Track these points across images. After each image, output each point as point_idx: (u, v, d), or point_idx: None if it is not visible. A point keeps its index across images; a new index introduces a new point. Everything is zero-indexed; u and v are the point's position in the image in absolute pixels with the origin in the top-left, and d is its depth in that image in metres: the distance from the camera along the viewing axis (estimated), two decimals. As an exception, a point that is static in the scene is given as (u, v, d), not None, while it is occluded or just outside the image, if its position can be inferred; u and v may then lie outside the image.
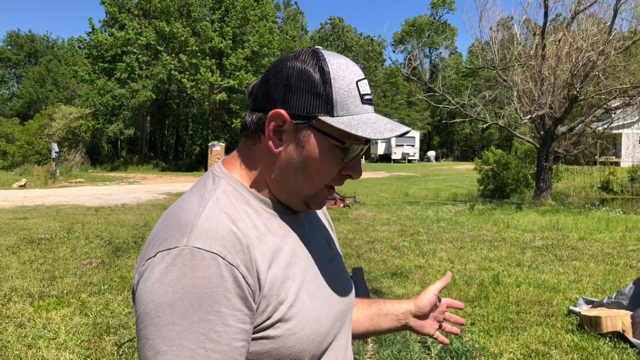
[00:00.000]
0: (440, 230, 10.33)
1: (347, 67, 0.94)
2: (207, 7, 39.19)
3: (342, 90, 0.91)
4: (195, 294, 0.81)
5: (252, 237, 0.90)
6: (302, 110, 0.92)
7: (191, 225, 0.86)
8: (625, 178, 23.91)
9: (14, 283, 5.95)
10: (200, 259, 0.82)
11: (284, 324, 0.89)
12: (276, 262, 0.91)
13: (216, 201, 0.93)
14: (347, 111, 0.92)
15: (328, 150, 0.93)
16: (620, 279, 6.41)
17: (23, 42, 73.79)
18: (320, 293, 0.98)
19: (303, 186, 0.96)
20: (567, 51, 15.37)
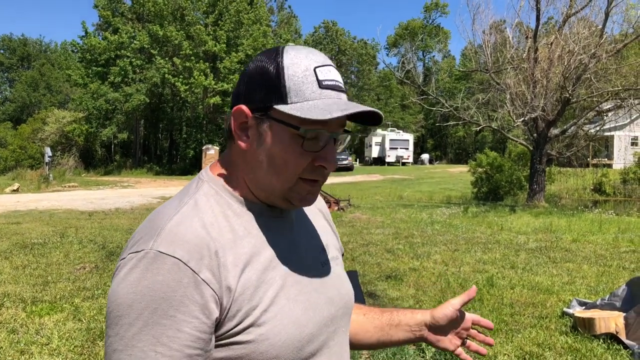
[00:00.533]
0: (435, 233, 10.34)
1: (307, 55, 0.94)
2: (200, 10, 39.19)
3: (297, 77, 0.91)
4: (153, 297, 0.81)
5: (225, 242, 0.90)
6: (260, 103, 0.93)
7: (160, 229, 0.87)
8: (618, 180, 24.02)
9: (6, 288, 5.91)
10: (161, 263, 0.83)
11: (256, 329, 0.88)
12: (251, 266, 0.91)
13: (193, 205, 0.93)
14: (302, 97, 0.91)
15: (289, 139, 0.92)
16: (613, 281, 6.44)
17: (16, 46, 73.55)
18: (304, 297, 0.96)
19: (274, 181, 0.95)
20: (559, 54, 15.45)
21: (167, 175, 37.32)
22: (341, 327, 1.05)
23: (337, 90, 0.94)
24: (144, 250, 0.85)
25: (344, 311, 1.07)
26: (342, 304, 1.06)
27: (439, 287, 6.15)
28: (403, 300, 5.57)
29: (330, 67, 0.95)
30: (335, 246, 1.16)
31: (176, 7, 37.67)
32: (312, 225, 1.12)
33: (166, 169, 41.14)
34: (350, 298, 1.11)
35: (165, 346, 0.81)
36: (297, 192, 0.96)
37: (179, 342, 0.82)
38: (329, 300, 1.02)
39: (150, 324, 0.81)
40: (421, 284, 6.28)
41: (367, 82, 67.76)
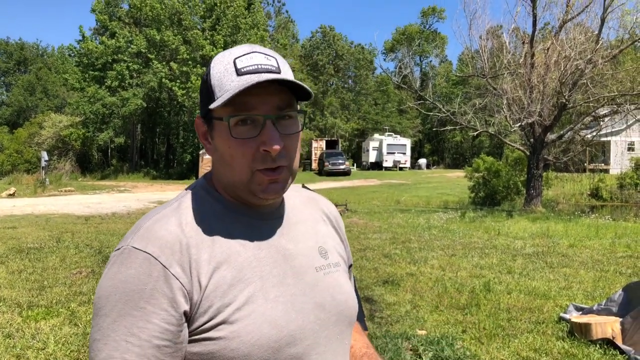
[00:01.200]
0: (432, 238, 10.34)
1: (230, 52, 0.98)
2: (198, 15, 39.24)
3: (219, 74, 0.95)
4: (125, 289, 0.87)
5: (201, 240, 0.94)
6: (203, 109, 1.00)
7: (139, 227, 0.94)
8: (614, 185, 24.10)
9: (2, 293, 5.89)
10: (134, 258, 0.89)
11: (228, 326, 0.90)
12: (228, 265, 0.93)
13: (176, 206, 0.99)
14: (223, 90, 0.94)
15: (225, 133, 0.95)
16: (610, 286, 6.44)
17: (12, 50, 73.43)
18: (287, 299, 0.96)
19: (232, 177, 0.98)
20: (555, 59, 15.51)
21: (164, 180, 37.27)
22: (335, 334, 1.04)
23: (259, 73, 0.93)
24: (122, 247, 0.92)
25: (339, 319, 1.05)
26: (337, 311, 1.04)
27: (436, 292, 6.15)
28: (400, 305, 5.57)
29: (253, 54, 0.96)
30: (339, 253, 1.15)
31: (173, 11, 37.71)
32: (310, 229, 1.11)
33: (163, 173, 41.10)
34: (349, 307, 1.09)
35: (135, 336, 0.86)
36: (257, 184, 0.97)
37: (148, 333, 0.86)
38: (318, 305, 1.01)
39: (123, 314, 0.87)
40: (418, 289, 6.27)
41: (364, 87, 67.83)
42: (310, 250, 1.07)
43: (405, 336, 4.52)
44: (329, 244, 1.13)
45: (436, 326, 4.88)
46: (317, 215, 1.17)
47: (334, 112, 63.13)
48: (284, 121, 0.96)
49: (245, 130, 0.94)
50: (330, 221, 1.19)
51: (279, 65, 0.97)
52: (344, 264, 1.16)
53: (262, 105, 0.94)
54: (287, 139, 0.96)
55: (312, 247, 1.08)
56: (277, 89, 0.95)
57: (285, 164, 0.97)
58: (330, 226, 1.18)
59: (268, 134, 0.93)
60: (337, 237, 1.19)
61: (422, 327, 4.86)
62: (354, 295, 1.12)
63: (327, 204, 1.24)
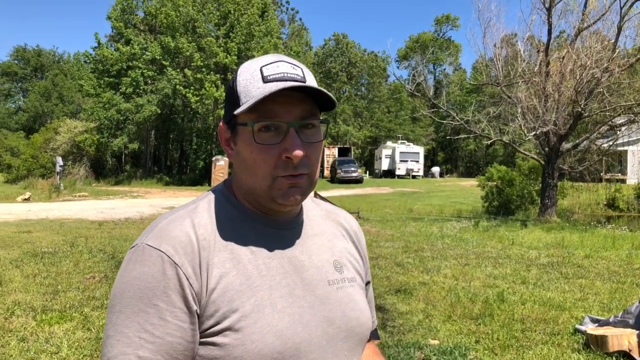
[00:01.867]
0: (445, 247, 10.28)
1: (257, 60, 0.99)
2: (212, 22, 39.49)
3: (245, 81, 0.96)
4: (139, 286, 0.89)
5: (213, 243, 0.95)
6: (228, 115, 1.00)
7: (155, 226, 0.96)
8: (631, 195, 23.78)
9: (17, 297, 5.93)
10: (148, 255, 0.91)
11: (233, 333, 0.90)
12: (237, 271, 0.94)
13: (193, 208, 1.00)
14: (249, 96, 0.95)
15: (249, 138, 0.95)
16: (626, 298, 6.35)
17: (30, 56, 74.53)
18: (294, 311, 0.96)
19: (253, 183, 0.98)
20: (571, 68, 15.39)
21: (177, 186, 37.45)
22: (343, 350, 1.02)
23: (285, 81, 0.95)
24: (137, 244, 0.94)
25: (348, 335, 1.03)
26: (347, 327, 1.03)
27: (449, 301, 6.09)
28: (412, 314, 5.53)
29: (279, 63, 0.97)
30: (356, 269, 1.14)
31: (188, 19, 38.00)
32: (326, 243, 1.10)
33: (176, 179, 41.29)
34: (361, 324, 1.07)
35: (148, 333, 0.87)
36: (277, 189, 0.97)
37: (162, 330, 0.88)
38: (327, 319, 1.00)
39: (137, 311, 0.88)
40: (431, 299, 6.22)
41: (377, 95, 67.82)
42: (324, 263, 1.06)
43: (418, 346, 4.48)
44: (345, 259, 1.12)
45: (449, 336, 4.83)
46: (336, 230, 1.16)
47: (347, 120, 63.16)
48: (307, 130, 0.97)
49: (269, 137, 0.95)
50: (350, 237, 1.18)
51: (304, 74, 0.98)
52: (361, 280, 1.14)
53: (286, 113, 0.95)
54: (309, 147, 0.97)
55: (327, 261, 1.07)
56: (301, 98, 0.96)
57: (306, 171, 0.98)
58: (349, 241, 1.17)
59: (291, 141, 0.94)
60: (356, 253, 1.17)
61: (434, 337, 4.81)
62: (367, 312, 1.10)
63: (348, 219, 1.23)
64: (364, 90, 70.39)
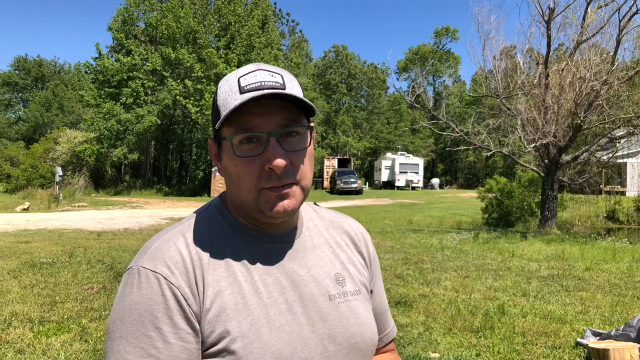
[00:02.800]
0: (445, 259, 10.24)
1: (236, 72, 0.97)
2: (213, 34, 39.69)
3: (225, 93, 0.95)
4: (139, 310, 0.87)
5: (208, 262, 0.92)
6: (214, 130, 0.99)
7: (148, 247, 0.94)
8: (631, 208, 23.77)
9: (14, 308, 5.89)
10: (145, 278, 0.88)
11: (230, 355, 0.88)
12: (232, 290, 0.91)
13: (187, 226, 0.98)
14: (227, 109, 0.93)
15: (231, 152, 0.94)
16: (628, 311, 6.31)
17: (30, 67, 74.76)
18: (293, 329, 0.93)
19: (241, 196, 0.96)
20: (570, 80, 15.43)
21: (176, 196, 37.42)
22: None
23: (261, 90, 0.91)
24: (132, 267, 0.92)
25: (350, 351, 1.00)
26: (349, 344, 1.00)
27: (449, 314, 6.06)
28: (412, 327, 5.49)
29: (257, 72, 0.95)
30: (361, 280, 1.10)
31: (189, 30, 38.18)
32: (328, 255, 1.07)
33: (175, 190, 41.26)
34: (365, 340, 1.03)
35: (153, 357, 0.85)
36: (264, 202, 0.95)
37: (167, 353, 0.85)
38: (328, 336, 0.97)
39: (139, 336, 0.85)
40: (431, 311, 6.19)
41: (377, 106, 68.00)
42: (325, 277, 1.03)
43: (418, 359, 4.45)
44: (348, 270, 1.08)
45: (449, 349, 4.79)
46: (340, 239, 1.13)
47: (347, 131, 63.27)
48: (290, 138, 0.94)
49: (250, 149, 0.93)
50: (355, 244, 1.15)
51: (284, 81, 0.94)
52: (365, 291, 1.10)
53: (265, 123, 0.92)
54: (294, 155, 0.94)
55: (327, 274, 1.04)
56: (282, 106, 0.93)
57: (293, 180, 0.94)
58: (354, 250, 1.14)
59: (271, 151, 0.92)
60: (362, 261, 1.14)
61: (435, 350, 4.77)
62: (372, 326, 1.06)
63: (354, 226, 1.20)
64: (363, 101, 70.58)
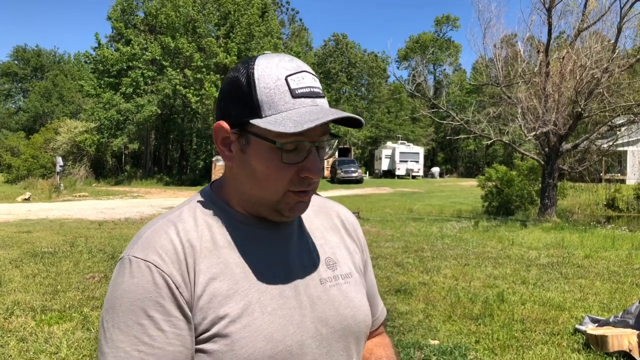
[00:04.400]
0: (445, 247, 10.27)
1: (278, 64, 0.93)
2: (212, 23, 39.52)
3: (268, 89, 0.90)
4: (130, 299, 0.87)
5: (199, 250, 0.92)
6: (236, 118, 0.93)
7: (140, 237, 0.94)
8: (631, 196, 23.79)
9: (16, 297, 5.92)
10: (136, 267, 0.88)
11: (221, 339, 0.89)
12: (224, 276, 0.92)
13: (178, 214, 0.98)
14: (275, 109, 0.90)
15: (268, 153, 0.91)
16: (626, 298, 6.35)
17: (30, 56, 74.51)
18: (285, 312, 0.94)
19: (260, 194, 0.95)
20: (571, 68, 15.40)
21: (177, 186, 37.46)
22: (338, 350, 1.00)
23: (312, 97, 0.92)
24: (123, 257, 0.92)
25: (343, 334, 1.01)
26: (341, 327, 1.01)
27: (448, 301, 6.09)
28: (412, 315, 5.52)
29: (304, 74, 0.93)
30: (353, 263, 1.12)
31: (188, 19, 38.03)
32: (318, 240, 1.08)
33: (176, 179, 41.29)
34: (357, 322, 1.05)
35: (147, 345, 0.85)
36: (285, 203, 0.96)
37: (160, 340, 0.86)
38: (320, 319, 0.98)
39: (131, 325, 0.86)
40: (431, 299, 6.22)
41: (377, 95, 67.81)
42: (316, 261, 1.04)
43: (418, 346, 4.48)
44: (339, 254, 1.10)
45: (449, 336, 4.82)
46: (328, 223, 1.14)
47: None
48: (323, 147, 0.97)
49: (292, 156, 0.92)
50: (345, 228, 1.16)
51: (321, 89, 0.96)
52: (357, 274, 1.12)
53: (312, 132, 0.92)
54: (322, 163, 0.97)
55: (318, 258, 1.05)
56: None
57: (316, 185, 0.98)
58: (344, 234, 1.15)
59: (313, 161, 0.93)
60: (352, 244, 1.15)
61: (434, 337, 4.81)
62: (365, 308, 1.08)
63: (341, 210, 1.20)
64: (364, 90, 70.37)
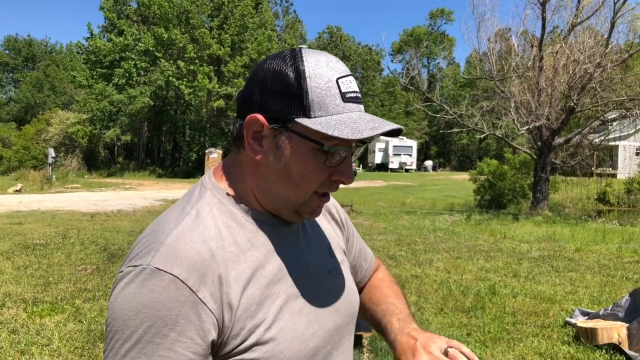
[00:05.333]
0: (437, 240, 10.31)
1: (327, 64, 0.89)
2: (205, 14, 39.30)
3: (320, 90, 0.86)
4: (147, 314, 0.79)
5: (227, 257, 0.87)
6: (278, 113, 0.87)
7: (159, 243, 0.84)
8: (622, 190, 23.97)
9: (7, 288, 5.90)
10: (158, 280, 0.80)
11: (261, 347, 0.85)
12: (255, 282, 0.88)
13: (195, 216, 0.89)
14: (326, 111, 0.86)
15: (309, 154, 0.88)
16: (616, 291, 6.40)
17: (21, 46, 73.75)
18: (309, 309, 0.94)
19: (289, 194, 0.91)
20: (564, 63, 15.45)
21: (170, 178, 37.35)
22: (346, 334, 1.03)
23: (358, 103, 0.90)
24: (141, 265, 0.82)
25: (350, 319, 1.05)
26: (348, 312, 1.04)
27: (440, 294, 6.12)
28: (405, 307, 5.55)
29: (350, 78, 0.91)
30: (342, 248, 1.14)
31: (181, 10, 37.78)
32: (316, 230, 1.09)
33: (169, 171, 41.16)
34: (356, 305, 1.09)
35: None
36: (308, 206, 0.94)
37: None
38: (335, 310, 0.99)
39: (144, 342, 0.79)
40: (423, 291, 6.25)
41: (371, 88, 67.82)
42: (322, 252, 1.05)
43: (410, 338, 4.50)
44: (332, 241, 1.11)
45: (441, 329, 4.85)
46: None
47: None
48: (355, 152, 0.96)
49: (333, 159, 0.89)
50: (331, 214, 1.17)
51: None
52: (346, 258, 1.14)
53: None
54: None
55: (322, 249, 1.06)
56: None
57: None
58: (331, 220, 1.16)
59: (348, 166, 0.92)
60: (338, 229, 1.16)
61: (426, 329, 4.81)
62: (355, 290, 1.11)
63: None
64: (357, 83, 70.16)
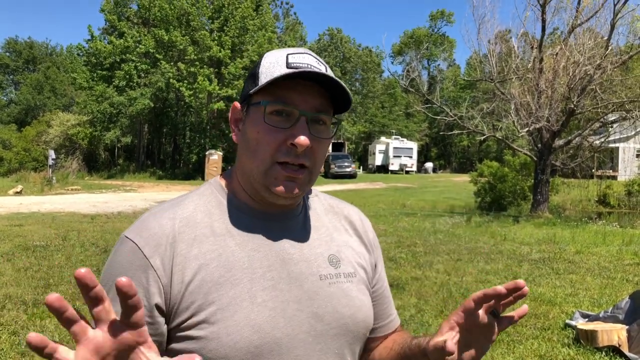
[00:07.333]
0: (437, 242, 10.31)
1: (285, 49, 1.00)
2: (206, 16, 39.30)
3: (269, 64, 0.97)
4: (111, 274, 0.92)
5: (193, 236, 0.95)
6: (244, 95, 1.01)
7: (138, 220, 0.98)
8: (622, 192, 23.94)
9: (8, 290, 5.91)
10: (124, 246, 0.93)
11: (209, 326, 0.90)
12: (217, 263, 0.93)
13: (179, 201, 1.02)
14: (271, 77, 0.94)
15: (259, 119, 0.96)
16: (616, 293, 6.40)
17: (21, 48, 73.82)
18: (276, 305, 0.94)
19: (252, 166, 0.98)
20: (564, 65, 15.45)
21: (170, 180, 37.32)
22: (333, 348, 0.99)
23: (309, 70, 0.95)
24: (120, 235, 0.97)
25: (339, 332, 1.00)
26: (338, 324, 1.00)
27: (440, 296, 6.12)
28: (404, 309, 5.55)
29: (305, 55, 0.99)
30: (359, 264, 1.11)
31: (182, 12, 37.79)
32: (324, 237, 1.08)
33: (169, 173, 41.10)
34: (356, 322, 1.03)
35: None
36: (272, 177, 0.96)
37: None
38: (315, 315, 0.97)
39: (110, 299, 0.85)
40: (423, 294, 6.25)
41: (371, 90, 67.74)
42: (317, 257, 1.03)
43: (410, 340, 4.50)
44: (344, 253, 1.08)
45: (441, 331, 4.85)
46: (338, 223, 1.14)
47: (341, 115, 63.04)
48: (317, 125, 0.98)
49: (279, 121, 0.95)
50: (355, 230, 1.17)
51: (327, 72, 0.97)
52: (364, 275, 1.11)
53: (302, 102, 0.95)
54: (316, 142, 0.97)
55: (321, 255, 1.04)
56: (320, 93, 0.97)
57: (307, 164, 0.97)
58: (352, 235, 1.15)
59: (299, 129, 0.94)
60: (360, 246, 1.15)
61: (426, 332, 4.83)
62: (367, 309, 1.06)
63: (353, 212, 1.21)
64: (358, 85, 70.24)
